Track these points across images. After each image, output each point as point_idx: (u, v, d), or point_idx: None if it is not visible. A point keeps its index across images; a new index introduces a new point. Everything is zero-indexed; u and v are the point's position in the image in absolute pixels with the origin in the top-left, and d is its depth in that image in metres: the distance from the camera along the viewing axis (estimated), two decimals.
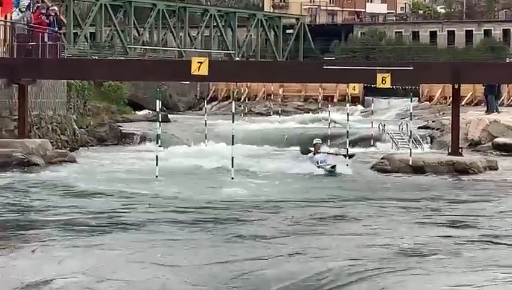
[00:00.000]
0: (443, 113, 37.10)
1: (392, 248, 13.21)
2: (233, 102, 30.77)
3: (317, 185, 24.30)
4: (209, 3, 65.60)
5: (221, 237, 15.33)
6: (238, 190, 21.60)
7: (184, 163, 28.30)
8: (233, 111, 28.04)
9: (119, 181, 23.91)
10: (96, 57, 35.62)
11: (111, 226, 16.59)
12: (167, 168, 25.34)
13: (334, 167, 25.11)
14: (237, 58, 49.20)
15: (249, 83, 46.89)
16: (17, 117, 28.82)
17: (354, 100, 43.38)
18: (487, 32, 77.52)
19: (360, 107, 45.21)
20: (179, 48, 37.55)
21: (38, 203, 20.04)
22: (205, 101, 45.43)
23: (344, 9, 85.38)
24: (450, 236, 14.28)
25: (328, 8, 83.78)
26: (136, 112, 43.52)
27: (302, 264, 11.74)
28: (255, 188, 22.84)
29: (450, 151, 27.38)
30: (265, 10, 76.97)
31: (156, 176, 23.64)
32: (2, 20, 31.17)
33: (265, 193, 21.80)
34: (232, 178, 23.59)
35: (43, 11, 31.85)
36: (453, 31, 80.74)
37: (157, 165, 24.30)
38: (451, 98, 29.82)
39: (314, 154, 25.39)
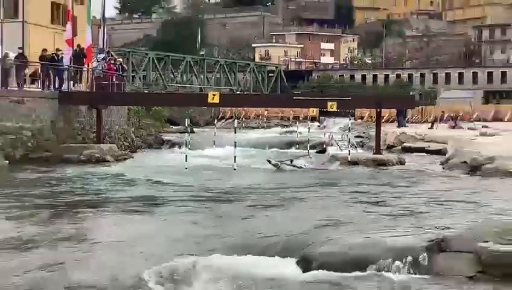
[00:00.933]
0: (370, 127, 39.07)
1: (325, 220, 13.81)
2: (235, 120, 33.82)
3: (282, 176, 25.20)
4: (219, 57, 70.45)
5: (226, 208, 17.64)
6: (238, 178, 23.45)
7: (204, 160, 29.98)
8: (235, 126, 29.20)
9: (160, 171, 25.63)
10: (146, 91, 38.01)
11: (155, 201, 18.89)
12: (192, 163, 26.70)
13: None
14: (238, 92, 52.56)
15: (245, 108, 49.81)
16: (95, 130, 30.81)
17: (313, 119, 46.08)
18: (398, 76, 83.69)
19: (316, 123, 47.11)
20: (199, 85, 40.49)
21: (108, 186, 22.19)
22: (216, 119, 46.60)
23: (306, 60, 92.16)
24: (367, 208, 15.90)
25: (296, 59, 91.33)
26: (172, 127, 45.54)
27: (269, 221, 13.89)
28: (248, 177, 24.15)
29: (374, 151, 29.71)
30: (255, 61, 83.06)
31: (186, 168, 25.52)
32: (85, 67, 33.36)
33: (254, 180, 23.09)
34: (235, 169, 25.67)
35: (112, 61, 33.79)
36: (376, 74, 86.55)
37: (186, 161, 26.07)
38: (375, 117, 31.51)
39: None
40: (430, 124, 46.53)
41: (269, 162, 22.61)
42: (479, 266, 9.17)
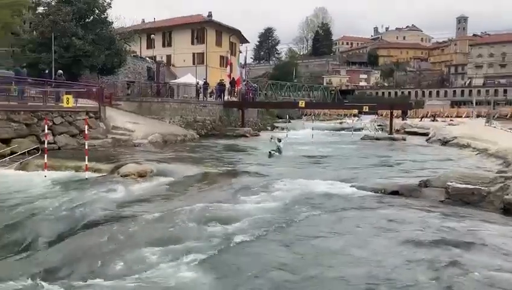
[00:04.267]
0: (386, 120, 34.59)
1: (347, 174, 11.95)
2: (313, 115, 35.15)
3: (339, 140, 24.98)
4: (304, 82, 69.80)
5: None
6: (313, 147, 21.66)
7: (296, 135, 28.46)
8: (312, 118, 32.23)
9: (265, 140, 23.13)
10: (266, 101, 38.98)
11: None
12: (290, 137, 25.45)
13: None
14: (314, 101, 51.89)
15: (317, 109, 46.28)
16: (241, 120, 30.25)
17: (354, 115, 43.58)
18: (403, 92, 78.99)
19: (356, 118, 43.39)
20: (293, 98, 40.67)
21: (250, 143, 22.79)
22: (302, 115, 46.23)
23: (351, 84, 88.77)
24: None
25: (346, 84, 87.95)
26: (279, 119, 42.45)
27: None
28: (319, 143, 23.54)
29: (389, 133, 28.45)
30: (323, 85, 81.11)
31: (286, 140, 23.64)
32: (234, 88, 33.75)
33: (321, 143, 22.72)
34: (312, 141, 24.73)
35: (250, 86, 34.79)
36: (390, 92, 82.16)
37: (286, 135, 25.04)
38: (389, 114, 30.03)
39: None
40: (419, 118, 44.41)
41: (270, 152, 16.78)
42: (447, 195, 9.11)
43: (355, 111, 43.81)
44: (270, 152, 16.94)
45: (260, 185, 10.31)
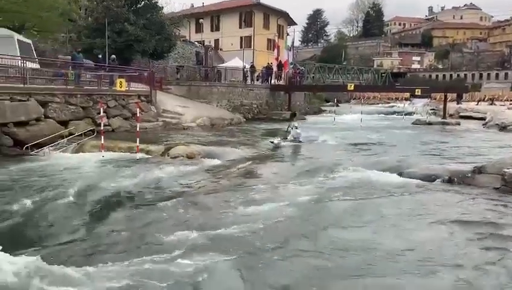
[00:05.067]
0: (439, 104, 33.66)
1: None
2: (362, 99, 34.30)
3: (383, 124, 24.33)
4: (354, 65, 67.55)
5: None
6: (362, 131, 21.00)
7: (343, 119, 28.02)
8: (362, 102, 31.57)
9: (320, 123, 25.01)
10: (313, 84, 38.42)
11: (322, 131, 19.15)
12: (337, 120, 25.55)
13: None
14: (363, 84, 50.08)
15: (367, 92, 44.97)
16: (287, 104, 30.24)
17: (406, 99, 42.17)
18: (458, 75, 74.42)
19: (408, 102, 41.42)
20: (342, 81, 39.74)
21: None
22: (351, 99, 46.40)
23: (403, 66, 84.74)
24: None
25: (397, 66, 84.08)
26: (326, 103, 42.74)
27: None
28: (369, 128, 22.68)
29: (442, 117, 27.39)
30: (374, 67, 78.19)
31: (334, 124, 24.15)
32: (281, 71, 32.81)
33: (374, 135, 19.51)
34: (361, 126, 23.50)
35: (297, 69, 33.46)
36: (445, 74, 77.23)
37: (334, 119, 25.49)
38: (443, 98, 28.71)
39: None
40: (476, 102, 41.82)
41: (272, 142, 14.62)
42: (503, 182, 8.77)
43: (407, 94, 42.40)
44: (272, 142, 14.53)
45: (304, 171, 10.35)
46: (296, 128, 15.64)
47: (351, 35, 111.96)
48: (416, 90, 29.06)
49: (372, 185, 9.12)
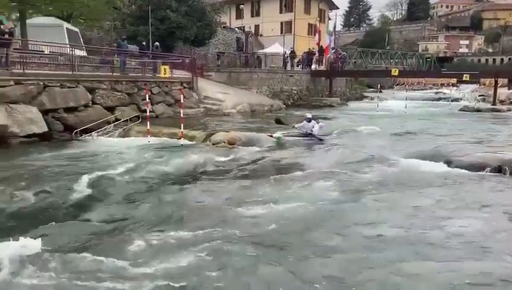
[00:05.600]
0: (488, 90, 32.87)
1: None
2: (406, 85, 33.32)
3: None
4: (397, 49, 64.78)
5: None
6: (406, 118, 20.51)
7: (387, 105, 27.34)
8: (406, 88, 30.63)
9: (362, 109, 25.07)
10: (355, 69, 37.44)
11: (365, 119, 19.30)
12: (381, 107, 24.92)
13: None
14: (407, 69, 47.54)
15: (411, 78, 43.38)
16: (328, 90, 30.24)
17: (453, 85, 40.64)
18: (510, 59, 70.37)
19: (455, 88, 40.11)
20: (385, 66, 38.10)
21: (335, 112, 22.22)
22: (395, 85, 45.76)
23: (450, 50, 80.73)
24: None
25: (444, 50, 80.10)
26: (369, 89, 41.56)
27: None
28: (414, 116, 22.35)
29: (492, 103, 26.39)
30: (418, 52, 74.74)
31: (377, 110, 23.62)
32: (322, 57, 32.76)
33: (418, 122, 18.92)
34: (405, 112, 23.37)
35: (339, 53, 32.18)
36: (495, 59, 72.97)
37: (377, 106, 24.79)
38: (493, 83, 27.56)
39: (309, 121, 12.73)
40: None
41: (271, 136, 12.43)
42: None
43: (454, 80, 40.76)
44: (271, 136, 12.31)
45: (346, 160, 10.26)
46: (310, 120, 12.74)
47: (395, 18, 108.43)
48: (464, 75, 27.62)
49: (418, 174, 8.85)
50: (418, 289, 4.32)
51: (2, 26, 13.50)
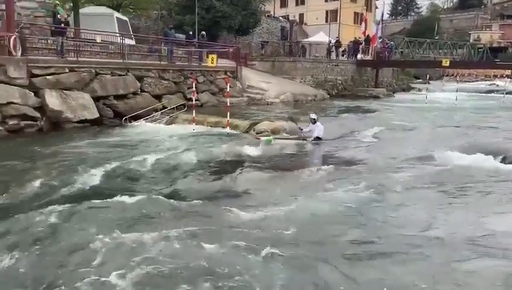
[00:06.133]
0: None
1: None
2: (457, 76, 31.99)
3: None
4: (447, 39, 61.19)
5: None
6: (457, 112, 19.77)
7: (436, 97, 26.28)
8: (457, 80, 29.54)
9: (410, 101, 24.48)
10: (402, 59, 36.02)
11: (415, 110, 19.52)
12: (429, 99, 24.05)
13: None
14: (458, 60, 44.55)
15: (462, 69, 41.95)
16: (374, 81, 29.71)
17: (507, 76, 39.17)
18: None
19: (509, 79, 38.16)
20: (434, 56, 35.60)
21: (381, 104, 21.86)
22: (443, 76, 42.95)
23: (504, 41, 75.47)
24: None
25: (497, 39, 75.09)
26: (416, 80, 41.64)
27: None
28: (464, 107, 21.88)
29: None
30: (470, 41, 70.73)
31: (425, 102, 23.25)
32: (368, 46, 31.40)
33: (470, 115, 18.51)
34: (456, 104, 22.58)
35: (386, 43, 30.86)
36: None
37: (426, 98, 24.06)
38: None
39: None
40: None
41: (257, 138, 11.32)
42: None
43: (508, 71, 38.62)
44: (260, 138, 11.01)
45: (394, 154, 10.06)
46: (315, 121, 11.43)
47: (445, 7, 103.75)
48: None
49: (471, 171, 8.47)
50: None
51: (58, 16, 14.06)
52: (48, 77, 12.19)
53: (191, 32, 20.67)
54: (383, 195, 6.86)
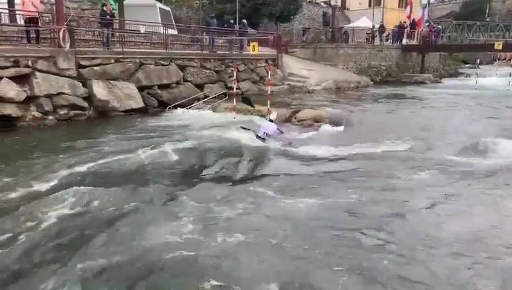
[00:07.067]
0: None
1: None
2: (511, 60, 29.87)
3: None
4: (499, 22, 57.51)
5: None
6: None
7: (486, 82, 24.60)
8: (511, 64, 27.60)
9: (458, 88, 22.86)
10: (450, 43, 34.43)
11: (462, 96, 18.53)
12: (479, 84, 23.20)
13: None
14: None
15: None
16: (420, 66, 28.61)
17: None
18: None
19: None
20: (484, 39, 33.53)
21: (428, 89, 21.32)
22: (494, 60, 40.48)
23: None
24: None
25: None
26: (464, 65, 38.85)
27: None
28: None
29: None
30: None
31: (475, 88, 22.13)
32: (414, 30, 30.08)
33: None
34: (509, 90, 21.18)
35: (432, 26, 29.64)
36: None
37: (476, 83, 23.39)
38: None
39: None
40: None
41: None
42: None
43: None
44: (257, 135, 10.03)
45: (441, 145, 9.59)
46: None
47: None
48: None
49: None
50: None
51: (104, 8, 14.44)
52: (95, 67, 12.56)
53: (232, 21, 20.67)
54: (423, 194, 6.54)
